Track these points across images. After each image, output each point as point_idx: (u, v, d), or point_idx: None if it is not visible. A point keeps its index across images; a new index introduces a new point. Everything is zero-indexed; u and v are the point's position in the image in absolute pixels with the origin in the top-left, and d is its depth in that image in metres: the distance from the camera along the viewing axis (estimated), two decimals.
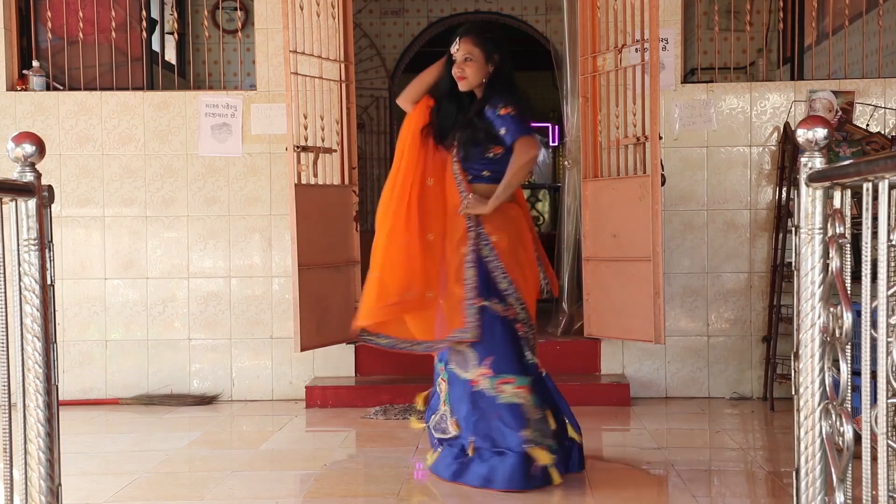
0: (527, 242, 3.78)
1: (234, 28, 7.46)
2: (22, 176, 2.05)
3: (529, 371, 3.68)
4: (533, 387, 3.66)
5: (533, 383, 3.66)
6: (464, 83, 3.71)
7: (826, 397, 1.96)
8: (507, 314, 3.65)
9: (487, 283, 3.65)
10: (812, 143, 1.98)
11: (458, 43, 3.71)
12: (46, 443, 2.06)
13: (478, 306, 3.62)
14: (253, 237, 5.67)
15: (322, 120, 5.37)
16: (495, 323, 3.63)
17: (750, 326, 5.52)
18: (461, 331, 3.63)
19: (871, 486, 1.76)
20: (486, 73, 3.70)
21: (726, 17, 6.66)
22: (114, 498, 3.63)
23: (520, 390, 3.60)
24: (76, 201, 5.65)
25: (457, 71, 3.70)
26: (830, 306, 1.94)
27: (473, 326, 3.61)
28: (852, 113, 5.35)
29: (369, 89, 8.84)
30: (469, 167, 3.73)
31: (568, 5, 5.76)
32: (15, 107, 5.64)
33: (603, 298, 5.31)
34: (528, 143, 3.60)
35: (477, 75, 3.69)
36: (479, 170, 3.72)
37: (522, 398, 3.60)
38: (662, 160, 5.11)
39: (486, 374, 3.62)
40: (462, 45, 3.69)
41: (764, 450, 4.48)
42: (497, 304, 3.64)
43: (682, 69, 5.58)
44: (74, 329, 5.65)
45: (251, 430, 5.01)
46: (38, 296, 2.05)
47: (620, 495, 3.59)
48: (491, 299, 3.63)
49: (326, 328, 5.24)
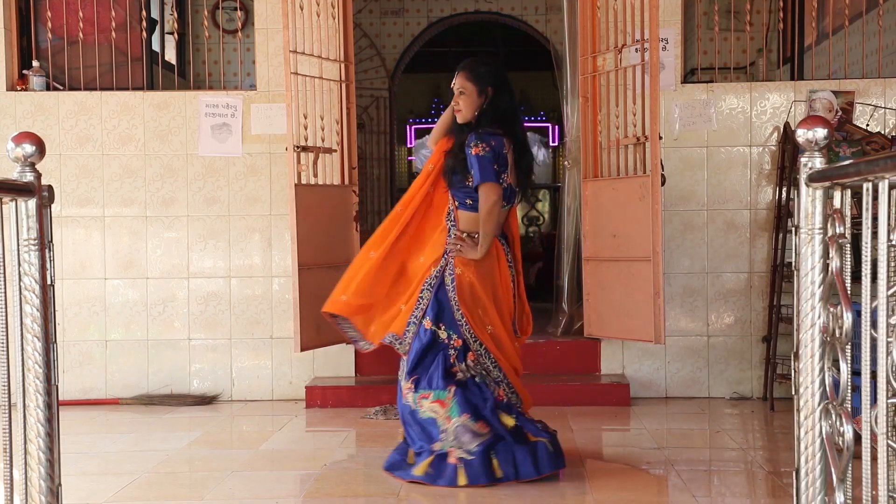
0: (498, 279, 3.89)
1: (234, 28, 7.46)
2: (22, 176, 2.05)
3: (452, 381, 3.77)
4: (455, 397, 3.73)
5: (455, 393, 3.73)
6: (459, 115, 3.90)
7: (826, 397, 1.96)
8: (451, 343, 3.78)
9: (443, 309, 3.80)
10: (812, 143, 1.97)
11: (455, 77, 3.91)
12: (46, 443, 2.06)
13: (426, 328, 3.78)
14: (253, 237, 5.67)
15: (322, 120, 5.37)
16: (437, 348, 3.78)
17: (750, 326, 5.52)
18: (396, 337, 3.84)
19: (871, 486, 1.76)
20: (478, 105, 3.86)
21: (726, 17, 6.65)
22: (114, 498, 3.63)
23: (435, 405, 3.74)
24: (76, 201, 5.65)
25: (453, 104, 3.91)
26: (830, 306, 1.94)
27: (407, 342, 3.81)
28: (852, 113, 5.35)
29: (369, 89, 8.85)
30: (454, 194, 3.89)
31: (568, 5, 5.76)
32: (15, 107, 5.64)
33: (603, 298, 5.31)
34: (486, 191, 3.75)
35: (470, 108, 3.86)
36: (461, 198, 3.87)
37: (436, 412, 3.73)
38: (662, 160, 5.11)
39: (409, 388, 3.80)
40: (457, 80, 3.90)
41: (764, 450, 4.47)
42: (443, 332, 3.79)
43: (682, 69, 5.58)
44: (74, 329, 5.65)
45: (251, 430, 5.01)
46: (38, 296, 2.05)
47: (620, 495, 3.59)
48: (440, 325, 3.79)
49: (326, 328, 5.22)
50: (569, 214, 5.93)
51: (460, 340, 3.78)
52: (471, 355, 3.79)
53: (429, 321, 3.78)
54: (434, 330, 3.78)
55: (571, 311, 5.88)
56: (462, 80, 3.87)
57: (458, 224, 3.85)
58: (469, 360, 3.79)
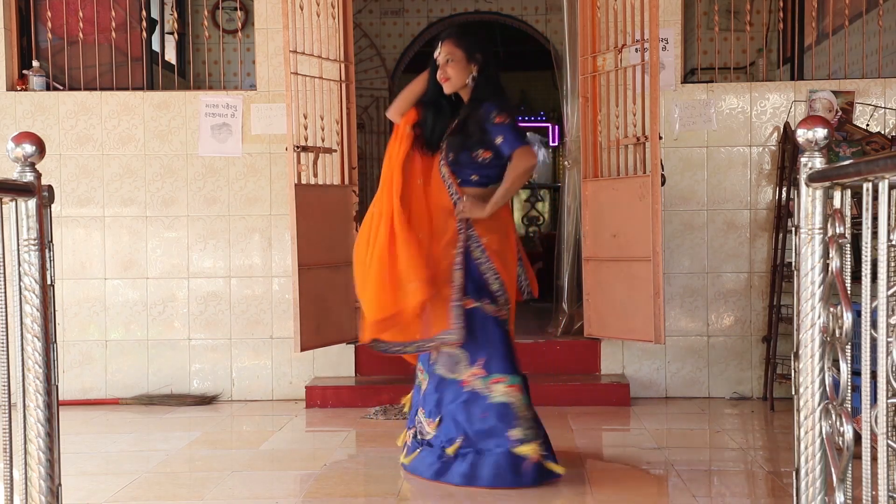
0: (512, 244, 3.81)
1: (234, 28, 7.47)
2: (22, 176, 2.05)
3: (519, 370, 3.70)
4: (523, 385, 3.68)
5: (523, 381, 3.69)
6: (448, 85, 3.74)
7: (826, 397, 1.96)
8: (498, 314, 3.68)
9: (479, 284, 3.66)
10: (812, 143, 1.97)
11: (439, 47, 3.76)
12: (46, 443, 2.06)
13: (468, 308, 3.63)
14: (253, 237, 5.67)
15: (322, 120, 5.37)
16: (487, 323, 3.65)
17: (750, 326, 5.52)
18: (447, 332, 3.62)
19: (871, 486, 1.76)
20: (469, 73, 3.72)
21: (726, 17, 6.65)
22: (114, 498, 3.63)
23: (510, 389, 3.63)
24: (76, 201, 5.65)
25: (440, 73, 3.74)
26: (830, 306, 1.94)
27: (459, 328, 3.60)
28: (852, 113, 5.35)
29: (369, 89, 8.85)
30: (458, 171, 3.74)
31: (568, 5, 5.76)
32: (15, 107, 5.64)
33: (603, 298, 5.31)
34: (527, 153, 3.63)
35: (460, 76, 3.72)
36: (468, 174, 3.73)
37: (513, 397, 3.62)
38: (662, 160, 5.11)
39: (478, 374, 3.64)
40: (443, 48, 3.73)
41: (764, 450, 4.47)
42: (489, 305, 3.66)
43: (682, 69, 5.58)
44: (74, 329, 5.65)
45: (251, 430, 5.01)
46: (38, 296, 2.05)
47: (620, 495, 3.59)
48: (482, 300, 3.66)
49: (326, 328, 5.24)
50: (569, 214, 5.93)
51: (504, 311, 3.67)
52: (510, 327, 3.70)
53: (469, 300, 3.63)
54: (478, 306, 3.64)
55: (571, 311, 5.87)
56: (449, 47, 3.71)
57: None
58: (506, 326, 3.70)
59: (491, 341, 3.65)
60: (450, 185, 3.75)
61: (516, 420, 3.60)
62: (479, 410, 3.62)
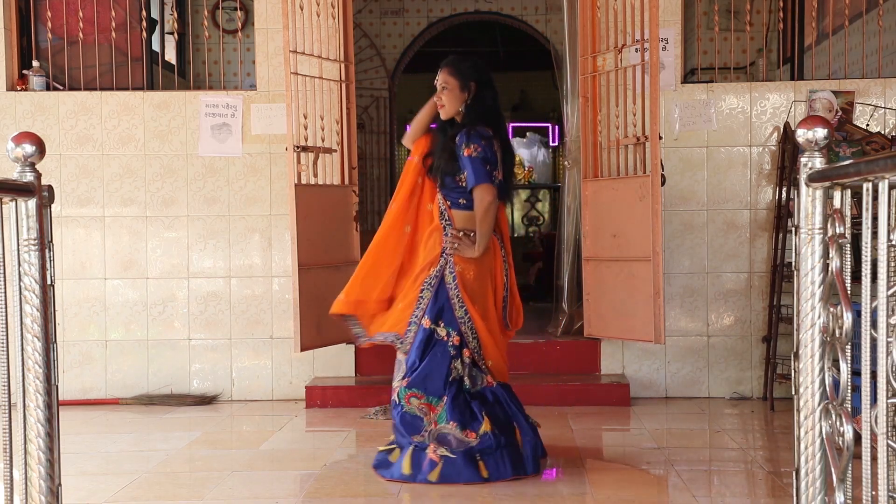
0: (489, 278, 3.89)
1: (234, 28, 7.47)
2: (22, 176, 2.05)
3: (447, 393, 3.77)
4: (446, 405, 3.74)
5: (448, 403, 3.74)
6: (442, 111, 3.90)
7: (826, 397, 1.96)
8: (451, 340, 3.79)
9: (443, 307, 3.80)
10: (812, 143, 1.97)
11: (438, 74, 3.90)
12: (46, 443, 2.06)
13: (425, 327, 3.79)
14: (253, 237, 5.67)
15: (322, 120, 5.37)
16: (436, 347, 3.79)
17: (750, 326, 5.52)
18: (397, 337, 3.85)
19: (871, 486, 1.76)
20: (462, 100, 3.86)
21: (726, 17, 6.65)
22: (114, 498, 3.63)
23: (424, 406, 3.76)
24: (76, 201, 5.65)
25: (436, 100, 3.90)
26: (830, 306, 1.94)
27: (408, 342, 3.81)
28: (852, 113, 5.35)
29: (369, 89, 8.85)
30: (447, 194, 3.88)
31: (568, 5, 5.76)
32: (15, 107, 5.64)
33: (603, 298, 5.31)
34: (483, 192, 3.75)
35: (453, 103, 3.87)
36: (455, 197, 3.86)
37: (424, 413, 3.75)
38: (662, 160, 5.11)
39: (402, 384, 3.81)
40: (440, 76, 3.89)
41: (764, 450, 4.47)
42: (442, 330, 3.79)
43: (682, 69, 5.58)
44: (74, 329, 5.65)
45: (251, 430, 5.01)
46: (38, 296, 2.05)
47: (620, 495, 3.59)
48: (439, 324, 3.79)
49: (326, 328, 5.24)
50: (569, 214, 5.93)
51: (458, 338, 3.79)
52: (466, 352, 3.80)
53: (428, 320, 3.79)
54: (433, 328, 3.79)
55: (571, 311, 5.87)
56: (444, 76, 3.87)
57: (453, 223, 3.84)
58: (465, 357, 3.79)
59: (428, 365, 3.77)
60: (443, 210, 3.88)
61: (421, 430, 3.75)
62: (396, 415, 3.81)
